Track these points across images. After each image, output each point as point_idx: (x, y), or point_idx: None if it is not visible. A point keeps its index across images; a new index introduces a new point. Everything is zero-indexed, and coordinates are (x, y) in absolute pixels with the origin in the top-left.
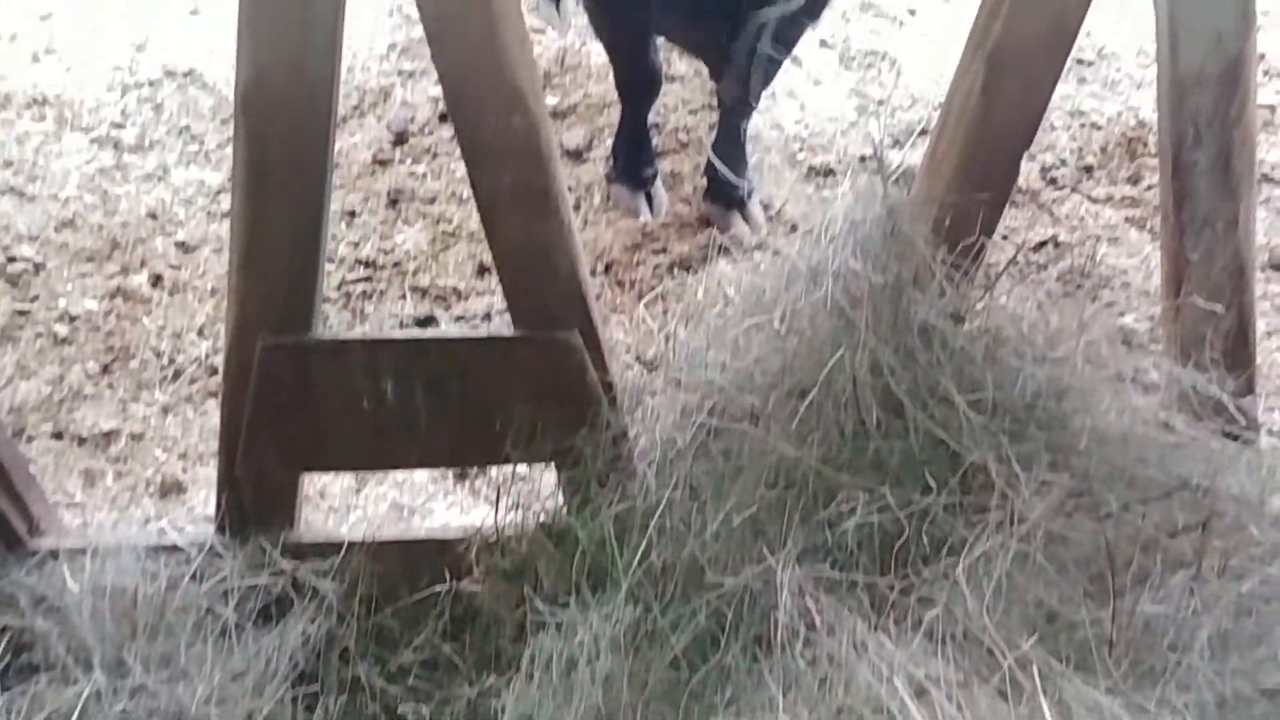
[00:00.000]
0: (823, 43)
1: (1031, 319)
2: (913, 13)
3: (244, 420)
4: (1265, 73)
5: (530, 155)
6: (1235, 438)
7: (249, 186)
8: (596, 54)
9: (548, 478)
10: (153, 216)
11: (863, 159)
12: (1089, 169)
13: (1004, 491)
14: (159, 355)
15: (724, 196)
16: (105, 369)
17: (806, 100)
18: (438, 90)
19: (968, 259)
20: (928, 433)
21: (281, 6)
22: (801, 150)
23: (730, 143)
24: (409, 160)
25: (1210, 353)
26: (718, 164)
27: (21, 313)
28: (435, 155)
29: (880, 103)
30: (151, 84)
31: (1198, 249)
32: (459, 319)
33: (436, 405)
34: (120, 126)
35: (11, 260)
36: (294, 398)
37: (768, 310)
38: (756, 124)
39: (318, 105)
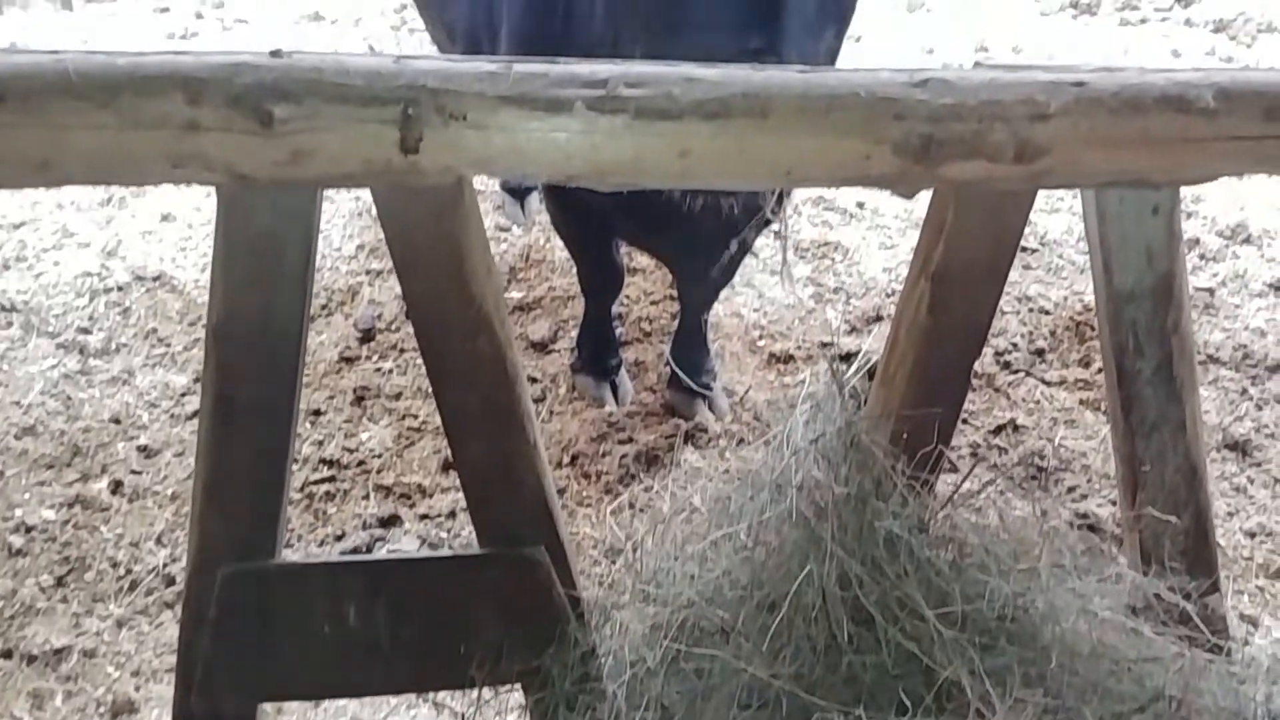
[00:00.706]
0: (776, 234)
1: (994, 527)
2: (861, 205)
3: (201, 651)
4: (1201, 256)
5: (496, 377)
6: (1206, 643)
7: (216, 417)
8: (560, 248)
9: (515, 697)
10: (115, 421)
11: (822, 345)
12: (1040, 353)
13: (979, 710)
14: (115, 565)
15: (688, 385)
16: (59, 581)
17: (764, 289)
18: None
19: (927, 468)
20: (900, 647)
21: (255, 249)
22: (761, 337)
23: (691, 332)
24: (375, 357)
25: (1171, 554)
26: (677, 358)
27: None
28: (402, 351)
29: (835, 290)
30: (121, 288)
31: (1149, 455)
32: (423, 517)
33: (400, 628)
34: (87, 331)
35: None
36: (254, 626)
37: (734, 521)
38: (717, 312)
39: (287, 342)
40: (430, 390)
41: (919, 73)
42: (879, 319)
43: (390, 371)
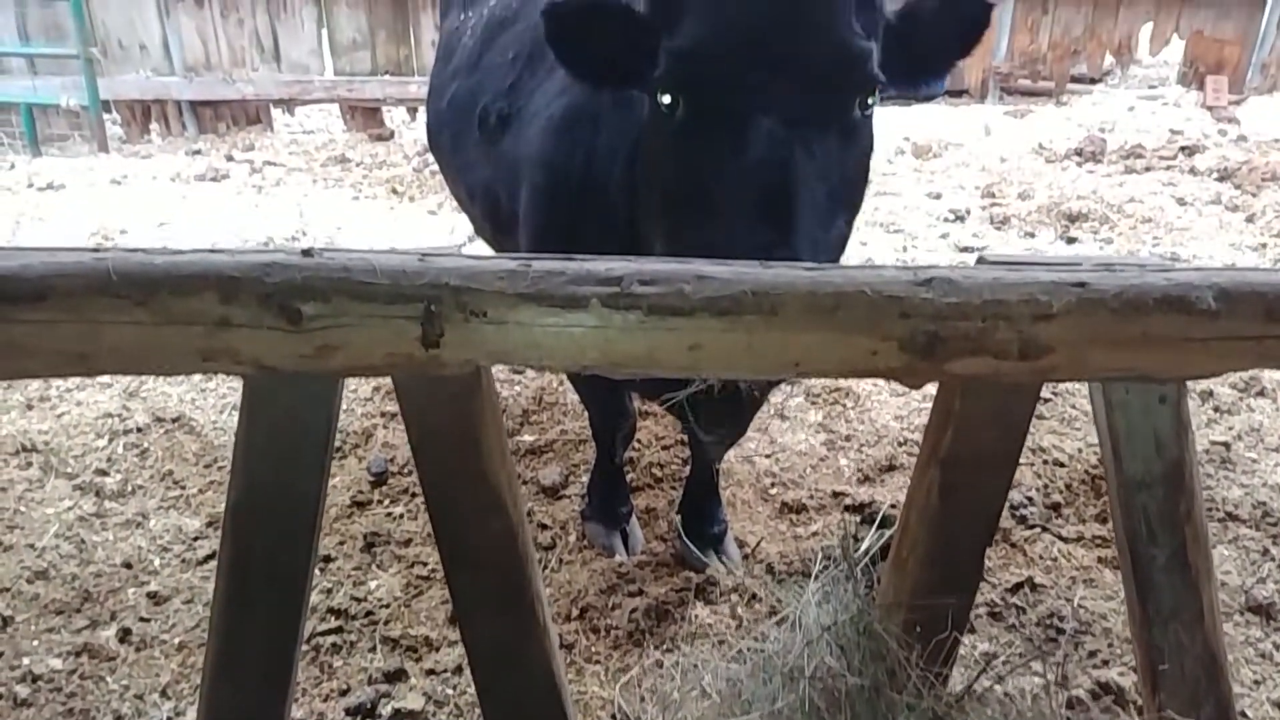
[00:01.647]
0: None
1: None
2: None
3: None
4: (1216, 409)
5: (508, 559)
6: None
7: (231, 594)
8: (572, 391)
9: None
10: (127, 565)
11: (834, 495)
12: (1056, 507)
13: None
14: (119, 719)
15: (699, 534)
16: None
17: (776, 435)
18: None
19: (941, 657)
20: None
21: (277, 432)
22: (773, 485)
23: (702, 481)
24: (387, 501)
25: None
26: (688, 508)
27: None
28: (414, 495)
29: (847, 438)
30: (140, 430)
31: (1167, 644)
32: (429, 673)
33: None
34: (105, 473)
35: None
36: None
37: (746, 708)
38: (728, 458)
39: (303, 521)
40: None
41: (924, 271)
42: (892, 468)
43: (401, 516)
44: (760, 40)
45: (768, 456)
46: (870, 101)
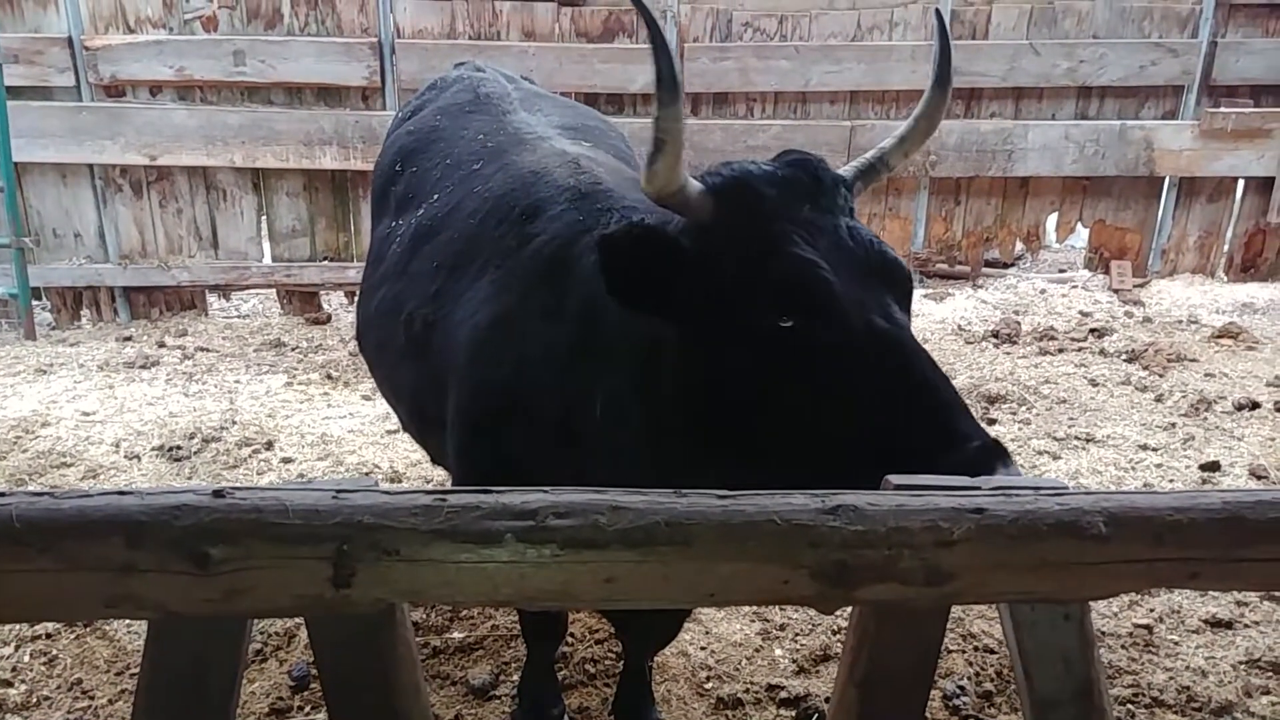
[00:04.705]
0: None
1: None
2: None
3: None
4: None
5: None
6: None
7: None
8: None
9: None
10: None
11: (769, 688)
12: (988, 695)
13: None
14: None
15: None
16: None
17: (710, 625)
18: None
19: None
20: None
21: (181, 674)
22: (709, 679)
23: (635, 677)
24: (308, 708)
25: None
26: (620, 707)
27: None
28: None
29: (781, 627)
30: (48, 637)
31: None
32: None
33: None
34: (8, 684)
35: None
36: None
37: None
38: (663, 652)
39: None
40: None
41: (831, 497)
42: (827, 658)
43: None
44: (859, 260)
45: (703, 649)
46: None
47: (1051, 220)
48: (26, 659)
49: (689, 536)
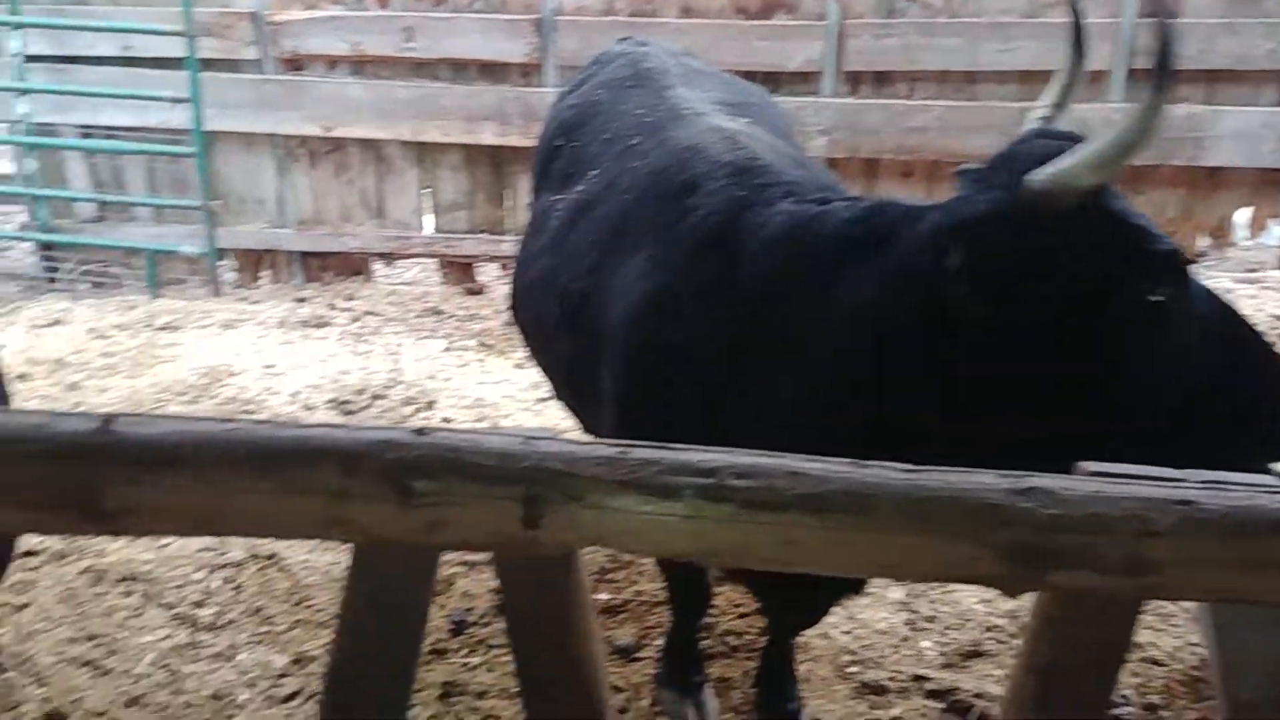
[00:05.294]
0: None
1: None
2: None
3: None
4: None
5: None
6: None
7: None
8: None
9: None
10: (216, 698)
11: (916, 678)
12: (1153, 708)
13: None
14: None
15: (774, 711)
16: None
17: (855, 611)
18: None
19: None
20: None
21: (379, 600)
22: (852, 664)
23: (779, 653)
24: (465, 651)
25: None
26: (763, 680)
27: None
28: (490, 647)
29: (930, 619)
30: (235, 565)
31: None
32: None
33: None
34: (200, 605)
35: None
36: None
37: None
38: (805, 632)
39: (398, 685)
40: (514, 690)
41: (1023, 479)
42: (977, 654)
43: (478, 668)
44: None
45: (846, 633)
46: None
47: (1242, 215)
48: (216, 584)
49: (868, 506)
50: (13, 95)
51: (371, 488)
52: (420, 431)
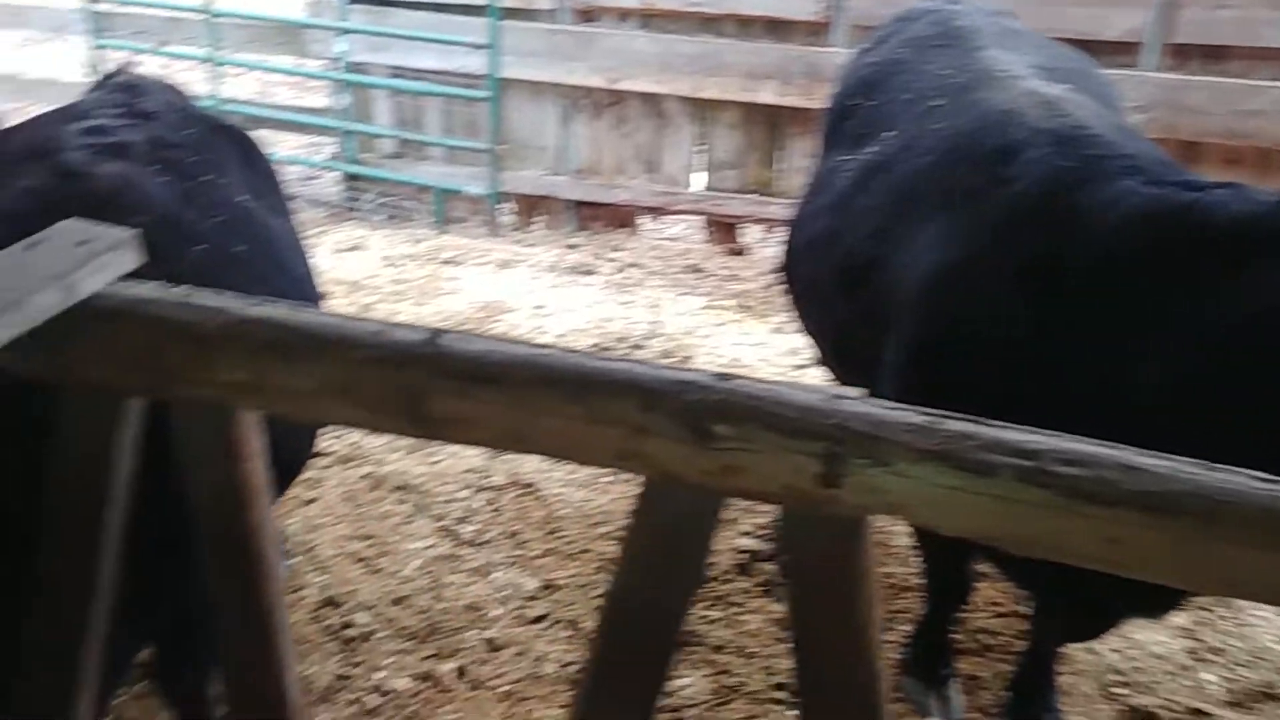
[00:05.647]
0: None
1: None
2: None
3: None
4: None
5: (865, 708)
6: None
7: (596, 676)
8: (904, 533)
9: None
10: (471, 609)
11: (1194, 712)
12: None
13: None
14: None
15: (1030, 717)
16: None
17: (1129, 630)
18: (741, 540)
19: None
20: None
21: (665, 530)
22: (1120, 685)
23: (1041, 660)
24: (702, 604)
25: None
26: (1019, 686)
27: (343, 677)
28: (730, 605)
29: (1215, 651)
30: (497, 489)
31: None
32: None
33: None
34: (463, 521)
35: (347, 625)
36: None
37: None
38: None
39: (670, 622)
40: (751, 650)
41: None
42: (1270, 696)
43: (716, 621)
44: None
45: (1116, 651)
46: None
47: None
48: (479, 504)
49: (1217, 514)
50: (334, 34)
51: (670, 426)
52: (723, 376)
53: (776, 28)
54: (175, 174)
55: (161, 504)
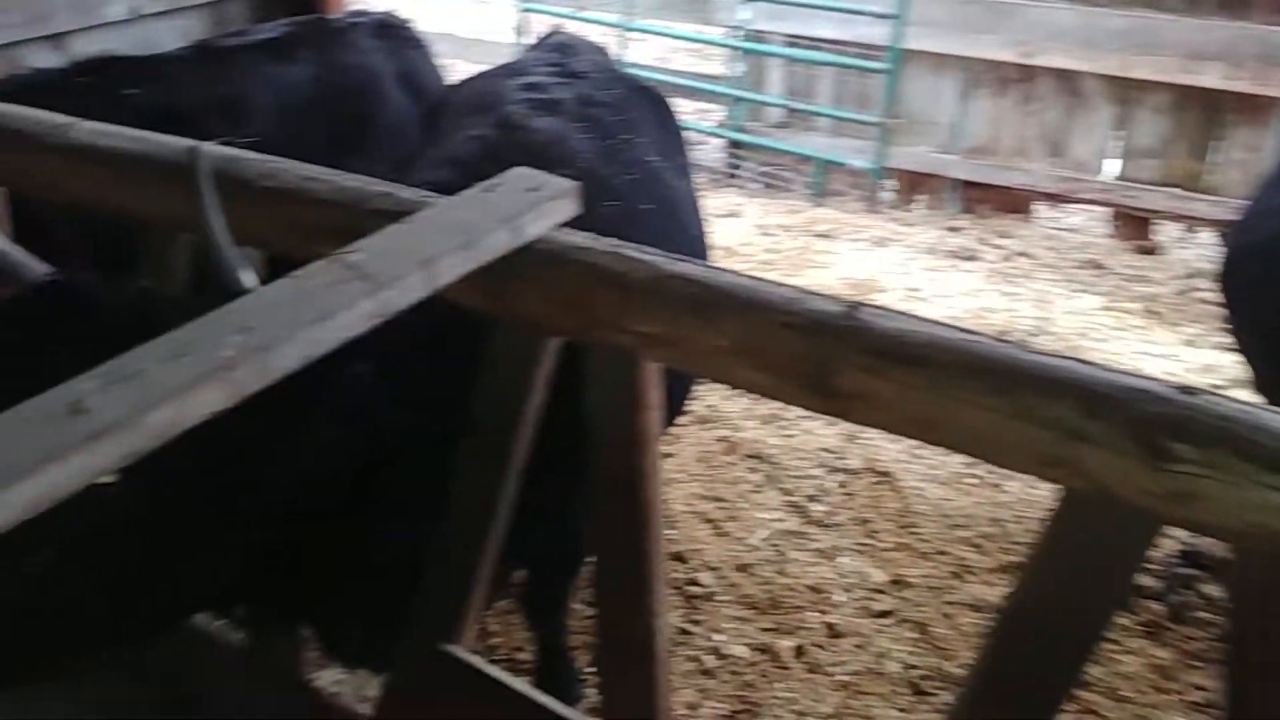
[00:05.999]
0: None
1: None
2: None
3: None
4: None
5: None
6: None
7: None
8: None
9: None
10: (814, 590)
11: None
12: None
13: None
14: None
15: None
16: (731, 717)
17: None
18: None
19: None
20: None
21: (1084, 549)
22: None
23: None
24: None
25: None
26: None
27: (685, 632)
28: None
29: None
30: (851, 473)
31: None
32: None
33: None
34: (814, 499)
35: (692, 583)
36: None
37: None
38: None
39: (1080, 648)
40: (1120, 692)
41: None
42: None
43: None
44: None
45: None
46: None
47: None
48: (831, 486)
49: None
50: (738, 2)
51: (1115, 437)
52: (1186, 390)
53: (1232, 4)
54: (598, 131)
55: (557, 435)
